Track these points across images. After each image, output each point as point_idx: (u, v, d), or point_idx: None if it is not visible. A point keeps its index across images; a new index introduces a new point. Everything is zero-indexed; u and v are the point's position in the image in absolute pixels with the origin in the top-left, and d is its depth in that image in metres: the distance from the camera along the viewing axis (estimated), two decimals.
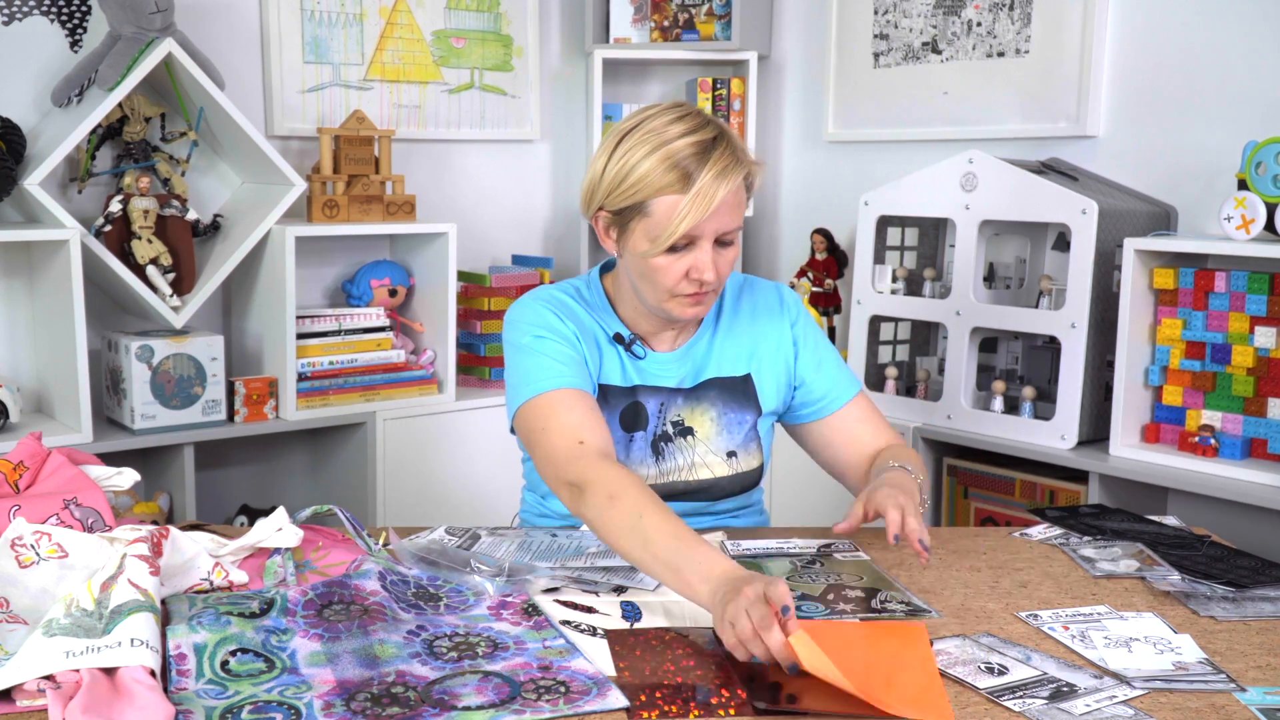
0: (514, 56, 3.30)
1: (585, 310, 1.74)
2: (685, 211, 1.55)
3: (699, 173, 1.56)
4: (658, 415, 1.72)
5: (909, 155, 3.05)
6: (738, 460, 1.75)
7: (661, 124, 1.60)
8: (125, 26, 2.48)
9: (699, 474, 1.73)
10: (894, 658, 1.26)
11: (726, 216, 1.59)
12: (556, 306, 1.71)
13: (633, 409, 1.72)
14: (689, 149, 1.57)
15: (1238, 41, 2.45)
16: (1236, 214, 2.20)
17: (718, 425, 1.74)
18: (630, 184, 1.59)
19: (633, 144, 1.60)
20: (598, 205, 1.65)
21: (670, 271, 1.61)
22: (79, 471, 1.53)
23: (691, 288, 1.62)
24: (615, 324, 1.74)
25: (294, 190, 2.68)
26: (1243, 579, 1.52)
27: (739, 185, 1.60)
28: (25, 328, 2.64)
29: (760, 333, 1.78)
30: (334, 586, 1.36)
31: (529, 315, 1.70)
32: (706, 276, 1.60)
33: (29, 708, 1.13)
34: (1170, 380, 2.33)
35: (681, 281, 1.61)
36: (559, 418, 1.59)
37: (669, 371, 1.74)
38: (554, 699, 1.14)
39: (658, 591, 1.44)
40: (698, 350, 1.76)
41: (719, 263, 1.62)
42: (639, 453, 1.72)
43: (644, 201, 1.58)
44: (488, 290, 3.08)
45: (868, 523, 1.57)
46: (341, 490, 2.91)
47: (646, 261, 1.61)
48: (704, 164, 1.56)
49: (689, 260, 1.60)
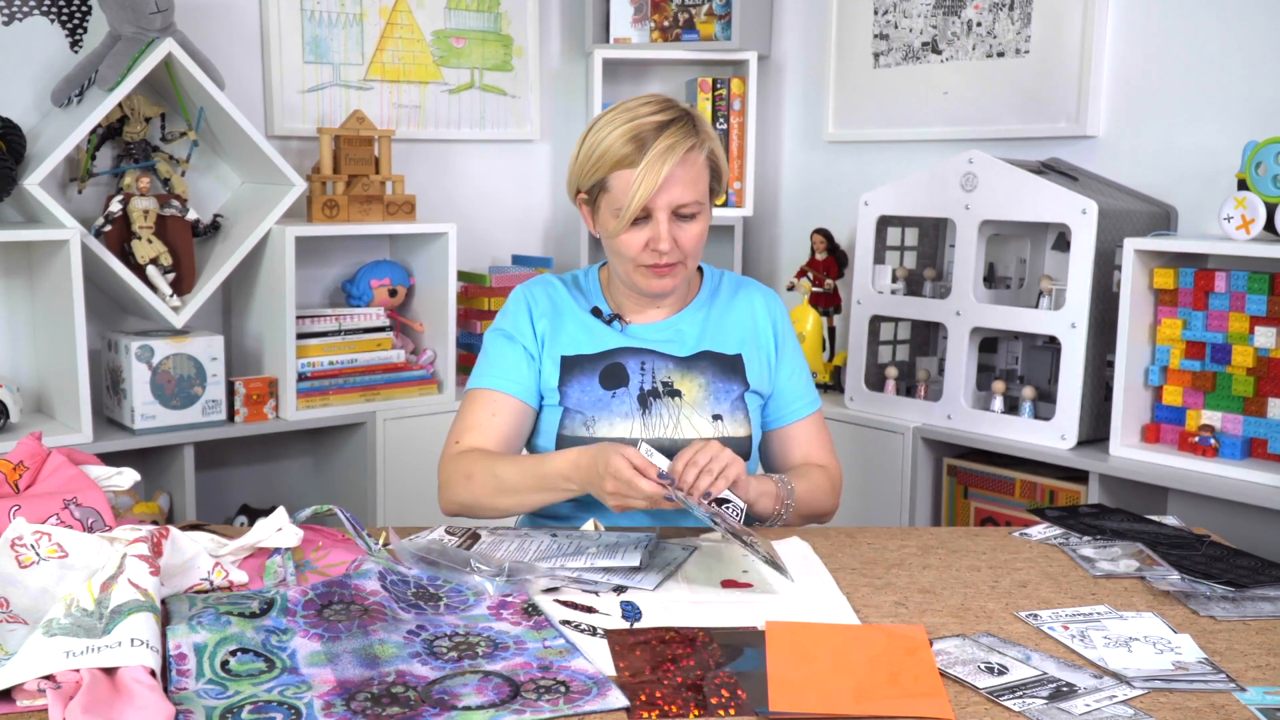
0: (514, 56, 3.30)
1: (571, 293, 1.86)
2: (638, 183, 1.67)
3: (651, 144, 1.67)
4: (640, 372, 1.80)
5: (909, 155, 3.05)
6: (723, 424, 1.80)
7: (634, 104, 1.72)
8: (125, 26, 2.48)
9: (684, 432, 1.79)
10: (894, 658, 1.26)
11: (679, 189, 1.69)
12: (538, 297, 1.85)
13: (610, 369, 1.80)
14: (650, 124, 1.69)
15: (1238, 41, 2.45)
16: (1236, 214, 2.20)
17: (705, 391, 1.81)
18: (595, 158, 1.72)
19: (604, 122, 1.72)
20: (575, 186, 1.79)
21: (631, 243, 1.72)
22: (79, 471, 1.53)
23: (652, 259, 1.73)
24: (600, 303, 1.85)
25: (294, 190, 2.68)
26: (1242, 579, 1.52)
27: (697, 161, 1.71)
28: (25, 328, 2.65)
29: (750, 324, 1.87)
30: (334, 586, 1.36)
31: (509, 309, 1.86)
32: (662, 247, 1.70)
33: (29, 708, 1.13)
34: (1170, 380, 2.33)
35: (643, 253, 1.72)
36: (465, 416, 1.79)
37: (651, 335, 1.83)
38: (554, 699, 1.15)
39: (658, 591, 1.44)
40: (686, 322, 1.85)
41: (680, 236, 1.72)
42: (621, 407, 1.79)
43: (606, 177, 1.71)
44: (488, 290, 3.09)
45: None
46: (341, 490, 2.92)
47: (618, 240, 1.73)
48: (658, 137, 1.67)
49: (649, 232, 1.71)
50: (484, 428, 1.78)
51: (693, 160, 1.70)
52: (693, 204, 1.71)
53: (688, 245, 1.73)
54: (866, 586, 1.50)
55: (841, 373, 2.98)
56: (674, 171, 1.67)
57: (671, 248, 1.71)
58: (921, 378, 2.78)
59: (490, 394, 1.80)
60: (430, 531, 1.62)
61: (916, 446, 2.65)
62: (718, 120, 3.24)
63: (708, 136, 1.73)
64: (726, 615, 1.37)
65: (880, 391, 2.78)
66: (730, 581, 1.49)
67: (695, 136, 1.70)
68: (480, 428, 1.78)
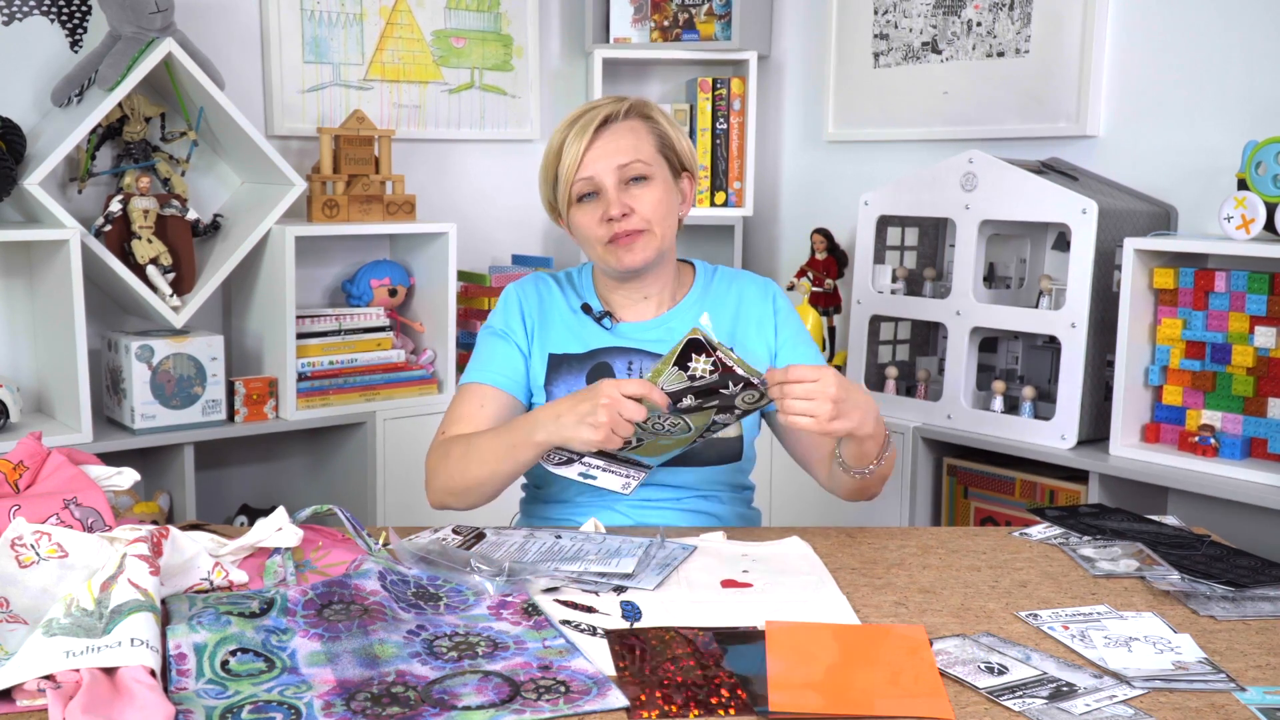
0: (514, 56, 3.30)
1: (563, 290, 1.87)
2: (566, 155, 1.71)
3: (578, 122, 1.73)
4: (628, 372, 1.80)
5: (909, 155, 3.05)
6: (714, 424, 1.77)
7: (586, 104, 1.77)
8: (125, 26, 2.48)
9: None
10: (894, 658, 1.26)
11: (615, 152, 1.72)
12: (529, 294, 1.86)
13: (597, 369, 1.80)
14: (580, 111, 1.74)
15: (1237, 41, 2.45)
16: (1236, 214, 2.20)
17: None
18: (545, 164, 1.77)
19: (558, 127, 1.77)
20: (545, 200, 1.81)
21: (588, 222, 1.75)
22: (79, 471, 1.53)
23: (609, 230, 1.73)
24: (591, 299, 1.85)
25: (294, 190, 2.68)
26: (1242, 579, 1.52)
27: (633, 129, 1.74)
28: (25, 328, 2.65)
29: (745, 315, 1.86)
30: (334, 586, 1.36)
31: (501, 306, 1.87)
32: (614, 213, 1.71)
33: (29, 708, 1.13)
34: (1170, 380, 2.33)
35: (600, 226, 1.73)
36: (453, 410, 1.81)
37: (641, 334, 1.83)
38: (554, 699, 1.15)
39: (658, 591, 1.44)
40: (678, 319, 1.83)
41: (635, 203, 1.73)
42: None
43: (556, 171, 1.75)
44: (488, 290, 3.09)
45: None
46: (341, 490, 2.91)
47: (574, 223, 1.76)
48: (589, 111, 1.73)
49: (602, 206, 1.73)
50: (472, 418, 1.78)
51: (628, 128, 1.74)
52: (634, 164, 1.73)
53: (646, 211, 1.74)
54: (866, 586, 1.50)
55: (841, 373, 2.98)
56: (603, 136, 1.72)
57: (628, 213, 1.72)
58: (921, 377, 2.78)
59: (480, 388, 1.81)
60: (437, 530, 1.62)
61: (916, 446, 2.65)
62: (717, 120, 3.24)
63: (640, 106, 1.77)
64: (726, 615, 1.37)
65: (880, 391, 2.78)
66: (730, 581, 1.49)
67: (619, 105, 1.74)
68: (468, 418, 1.78)
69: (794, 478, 2.75)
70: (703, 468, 1.80)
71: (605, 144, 1.71)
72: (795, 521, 2.80)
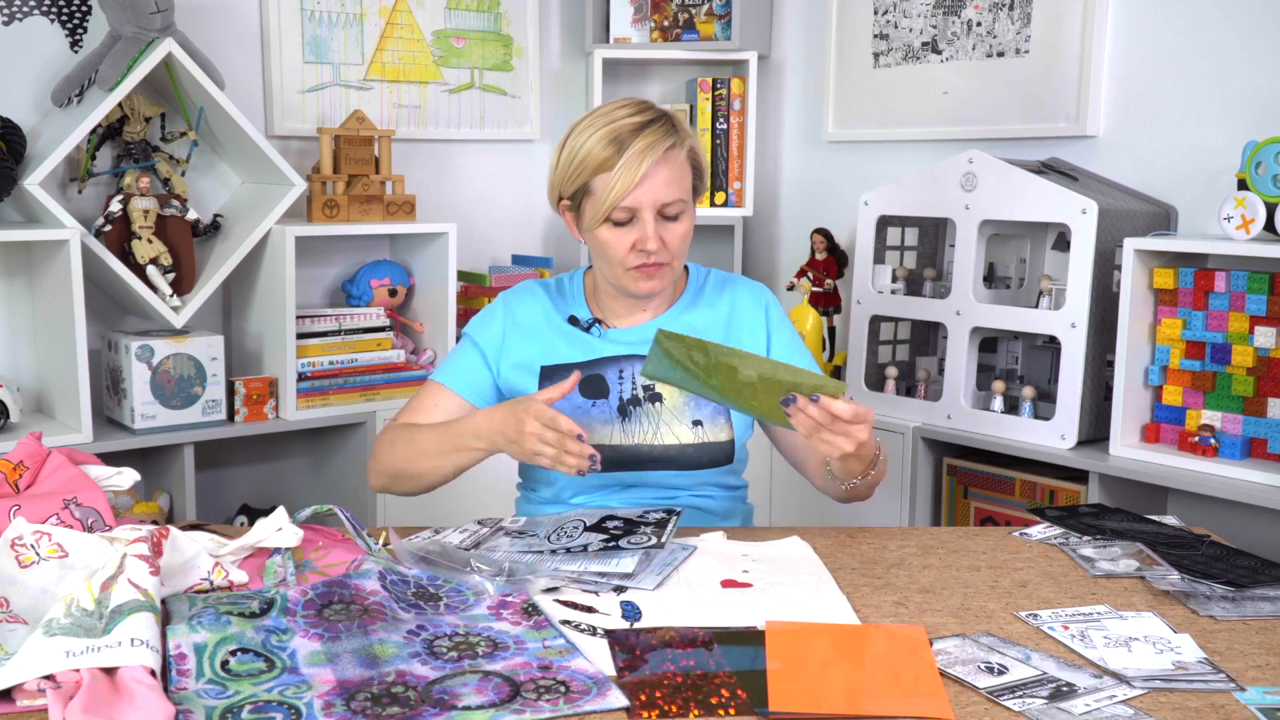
0: (514, 56, 3.30)
1: (552, 300, 1.87)
2: (615, 181, 1.68)
3: (630, 144, 1.68)
4: (618, 382, 1.80)
5: (909, 155, 3.05)
6: (703, 429, 1.80)
7: (611, 108, 1.73)
8: (125, 26, 2.48)
9: (664, 439, 1.79)
10: (894, 658, 1.26)
11: (663, 188, 1.70)
12: (515, 309, 1.86)
13: (590, 380, 1.81)
14: (628, 125, 1.70)
15: (1238, 42, 2.45)
16: (1236, 214, 2.20)
17: (686, 396, 1.80)
18: (576, 164, 1.72)
19: (583, 127, 1.73)
20: (558, 193, 1.78)
21: (618, 245, 1.73)
22: (79, 471, 1.53)
23: (639, 259, 1.73)
24: (580, 310, 1.85)
25: (294, 190, 2.68)
26: (1242, 579, 1.52)
27: (677, 160, 1.72)
28: (25, 328, 2.65)
29: (736, 320, 1.86)
30: (334, 586, 1.36)
31: (484, 315, 1.88)
32: (649, 247, 1.71)
33: (29, 708, 1.13)
34: (1170, 380, 2.33)
35: (629, 254, 1.73)
36: (412, 401, 1.86)
37: (632, 339, 1.83)
38: (554, 699, 1.15)
39: (658, 591, 1.44)
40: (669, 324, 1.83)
41: (666, 236, 1.73)
42: (601, 416, 1.80)
43: (588, 181, 1.71)
44: (488, 290, 3.08)
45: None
46: (341, 490, 2.91)
47: (599, 239, 1.74)
48: (636, 137, 1.69)
49: (635, 233, 1.71)
50: (426, 415, 1.83)
51: (673, 159, 1.71)
52: (677, 202, 1.72)
53: (674, 245, 1.74)
54: (866, 586, 1.50)
55: (841, 373, 2.98)
56: (654, 169, 1.68)
57: (659, 248, 1.72)
58: (921, 377, 2.78)
59: (440, 388, 1.85)
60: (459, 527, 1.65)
61: (916, 446, 2.65)
62: (717, 120, 3.24)
63: (687, 135, 1.75)
64: (726, 615, 1.37)
65: (880, 391, 2.78)
66: (730, 581, 1.49)
67: (674, 135, 1.71)
68: (423, 413, 1.83)
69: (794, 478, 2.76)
70: (694, 471, 1.81)
71: (656, 177, 1.69)
72: (795, 521, 2.81)
